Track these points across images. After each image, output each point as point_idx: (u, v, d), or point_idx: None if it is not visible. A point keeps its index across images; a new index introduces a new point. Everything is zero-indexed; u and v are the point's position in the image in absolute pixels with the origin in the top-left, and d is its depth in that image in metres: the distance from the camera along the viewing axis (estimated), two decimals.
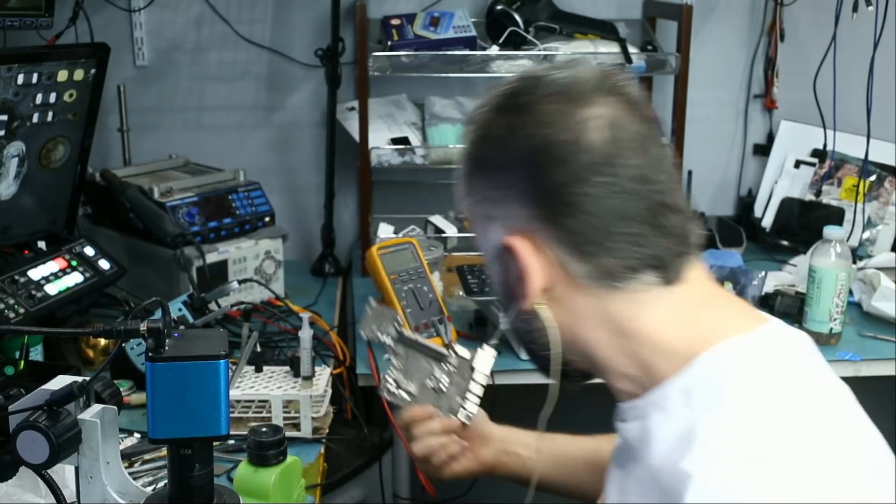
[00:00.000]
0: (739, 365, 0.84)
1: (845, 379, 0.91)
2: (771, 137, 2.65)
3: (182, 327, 1.41)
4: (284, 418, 1.50)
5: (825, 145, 2.46)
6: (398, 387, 1.17)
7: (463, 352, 1.16)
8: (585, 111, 0.85)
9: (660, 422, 0.84)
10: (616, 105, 0.86)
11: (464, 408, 1.16)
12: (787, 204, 2.50)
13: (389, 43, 2.27)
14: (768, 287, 2.09)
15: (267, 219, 2.21)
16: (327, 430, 1.55)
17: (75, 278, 1.86)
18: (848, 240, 2.26)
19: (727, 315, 0.89)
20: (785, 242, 2.48)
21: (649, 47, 2.39)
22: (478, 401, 1.16)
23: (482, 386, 1.15)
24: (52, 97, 1.84)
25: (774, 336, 0.88)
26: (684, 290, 0.87)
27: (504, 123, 0.88)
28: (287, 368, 1.58)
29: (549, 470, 1.25)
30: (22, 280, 1.76)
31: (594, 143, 0.84)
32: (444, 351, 1.16)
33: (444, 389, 1.16)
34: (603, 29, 2.34)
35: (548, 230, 0.86)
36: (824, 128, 2.44)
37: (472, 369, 1.16)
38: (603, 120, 0.85)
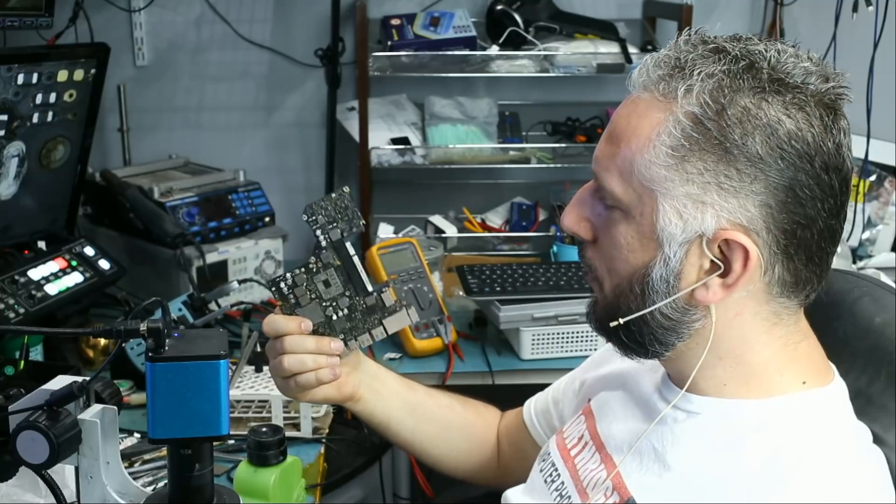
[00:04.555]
0: (832, 413, 0.90)
1: None
2: None
3: (182, 327, 1.41)
4: (284, 418, 1.50)
5: None
6: (292, 290, 1.08)
7: (388, 300, 1.09)
8: (842, 122, 0.83)
9: (751, 428, 0.87)
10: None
11: (355, 338, 1.09)
12: None
13: (389, 43, 2.27)
14: None
15: (267, 219, 2.21)
16: (327, 430, 1.55)
17: (75, 278, 1.86)
18: (848, 240, 2.26)
19: (820, 353, 0.94)
20: None
21: (649, 47, 2.39)
22: (369, 343, 1.11)
23: (373, 340, 1.10)
24: (52, 97, 1.83)
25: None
26: (802, 318, 0.91)
27: (773, 111, 0.80)
28: None
29: (402, 414, 1.23)
30: (22, 280, 1.76)
31: (847, 160, 0.83)
32: (368, 289, 1.09)
33: (335, 318, 1.09)
34: (603, 29, 2.34)
35: (771, 235, 0.83)
36: None
37: (381, 323, 1.09)
38: (847, 136, 0.84)
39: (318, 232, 1.08)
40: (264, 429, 1.23)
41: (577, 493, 0.98)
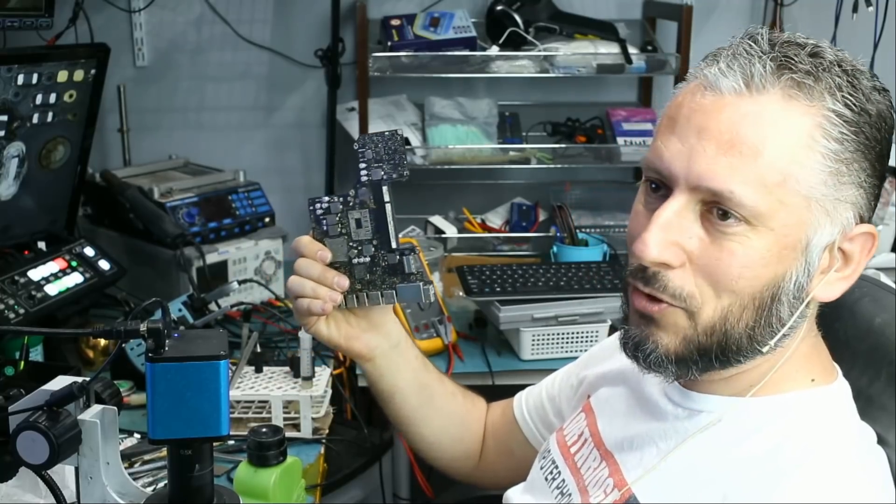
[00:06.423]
0: (837, 411, 0.89)
1: None
2: None
3: (182, 328, 1.41)
4: (284, 419, 1.50)
5: None
6: (327, 213, 1.05)
7: (409, 267, 1.04)
8: None
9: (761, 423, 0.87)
10: None
11: (365, 293, 1.05)
12: None
13: (389, 43, 2.27)
14: None
15: (267, 219, 2.21)
16: (327, 431, 1.55)
17: (75, 279, 1.86)
18: None
19: (826, 351, 0.94)
20: None
21: (649, 48, 2.39)
22: (375, 304, 1.06)
23: (380, 303, 1.07)
24: (52, 98, 1.83)
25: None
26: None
27: (882, 105, 0.83)
28: (287, 369, 1.58)
29: (409, 392, 1.20)
30: (22, 280, 1.76)
31: None
32: (393, 245, 1.04)
33: (355, 264, 1.05)
34: (603, 29, 2.34)
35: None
36: None
37: (394, 289, 1.05)
38: None
39: (363, 166, 1.03)
40: (264, 429, 1.23)
41: (577, 492, 0.98)
